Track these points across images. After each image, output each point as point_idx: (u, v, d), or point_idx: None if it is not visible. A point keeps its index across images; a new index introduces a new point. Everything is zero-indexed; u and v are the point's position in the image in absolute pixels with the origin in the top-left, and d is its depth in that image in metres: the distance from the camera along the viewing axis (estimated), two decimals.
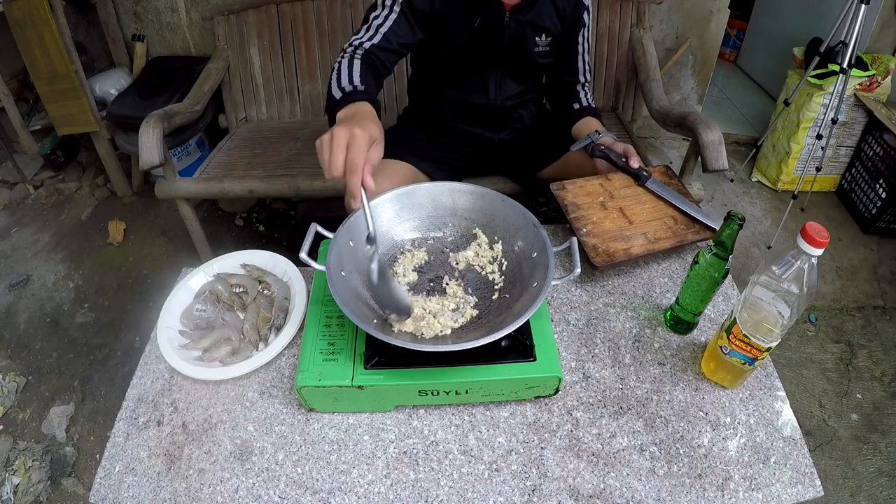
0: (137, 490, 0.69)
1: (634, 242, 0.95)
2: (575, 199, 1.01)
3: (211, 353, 0.82)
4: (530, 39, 1.14)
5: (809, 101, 2.08)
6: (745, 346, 0.71)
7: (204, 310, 0.88)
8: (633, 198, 1.03)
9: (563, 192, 1.03)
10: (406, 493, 0.68)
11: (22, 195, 2.26)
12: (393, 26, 1.05)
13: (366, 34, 1.04)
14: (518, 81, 1.22)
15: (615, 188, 1.04)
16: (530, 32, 1.13)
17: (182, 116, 1.59)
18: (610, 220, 0.98)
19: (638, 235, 0.96)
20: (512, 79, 1.21)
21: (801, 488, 0.69)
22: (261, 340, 0.84)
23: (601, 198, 1.02)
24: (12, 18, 1.78)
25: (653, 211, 1.01)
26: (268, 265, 0.95)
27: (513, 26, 1.11)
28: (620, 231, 0.96)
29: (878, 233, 2.13)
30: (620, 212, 1.00)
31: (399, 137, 1.25)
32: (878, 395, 1.60)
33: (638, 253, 0.93)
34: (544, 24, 1.13)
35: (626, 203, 1.02)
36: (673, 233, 0.97)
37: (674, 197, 1.02)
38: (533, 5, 1.10)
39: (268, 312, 0.87)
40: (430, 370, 0.71)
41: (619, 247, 0.94)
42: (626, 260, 0.92)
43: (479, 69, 1.18)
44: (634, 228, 0.97)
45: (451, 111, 1.27)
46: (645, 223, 0.98)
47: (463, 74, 1.20)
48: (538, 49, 1.16)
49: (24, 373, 1.64)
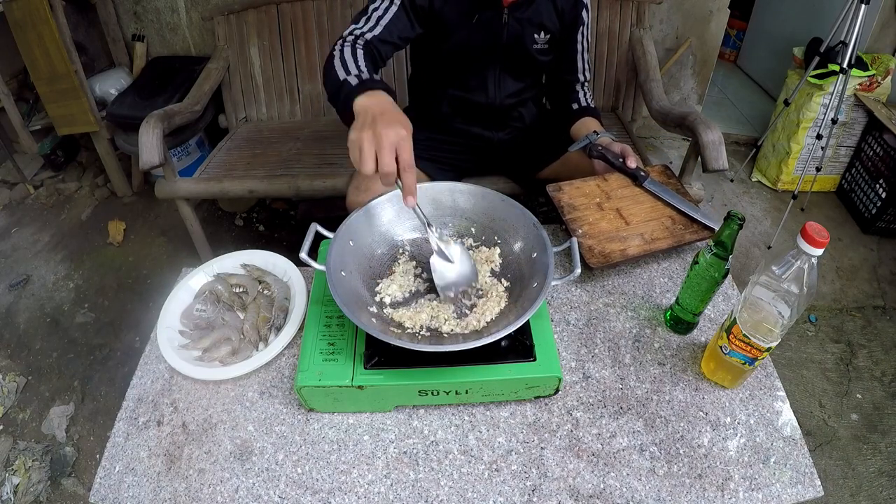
0: (137, 490, 0.69)
1: (631, 243, 0.94)
2: (571, 200, 1.01)
3: (211, 353, 0.81)
4: (529, 37, 1.14)
5: (809, 101, 2.08)
6: (745, 346, 0.71)
7: (204, 310, 0.88)
8: (631, 198, 1.03)
9: (560, 193, 1.03)
10: (406, 493, 0.68)
11: (22, 195, 2.26)
12: (393, 19, 1.05)
13: (366, 24, 1.03)
14: (517, 79, 1.22)
15: (612, 189, 1.04)
16: (529, 30, 1.13)
17: (182, 116, 1.59)
18: (606, 221, 0.98)
19: (635, 236, 0.96)
20: (511, 76, 1.21)
21: (801, 488, 0.69)
22: (261, 340, 0.84)
23: (598, 199, 1.02)
24: (12, 18, 1.78)
25: (650, 211, 1.01)
26: (268, 265, 0.95)
27: (511, 23, 1.11)
28: (617, 232, 0.96)
29: (878, 233, 2.13)
30: (617, 212, 1.00)
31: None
32: (878, 395, 1.60)
33: (634, 254, 0.93)
34: (543, 22, 1.13)
35: (623, 204, 1.01)
36: (671, 233, 0.97)
37: (672, 197, 1.02)
38: (531, 3, 1.10)
39: (268, 312, 0.87)
40: (430, 370, 0.71)
41: (616, 248, 0.93)
42: (622, 261, 0.92)
43: (477, 67, 1.18)
44: (631, 229, 0.97)
45: (450, 109, 1.27)
46: (642, 223, 0.98)
47: (462, 72, 1.20)
48: (537, 46, 1.16)
49: (24, 373, 1.64)
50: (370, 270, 0.82)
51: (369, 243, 0.84)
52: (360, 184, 1.15)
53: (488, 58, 1.17)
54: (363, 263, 0.82)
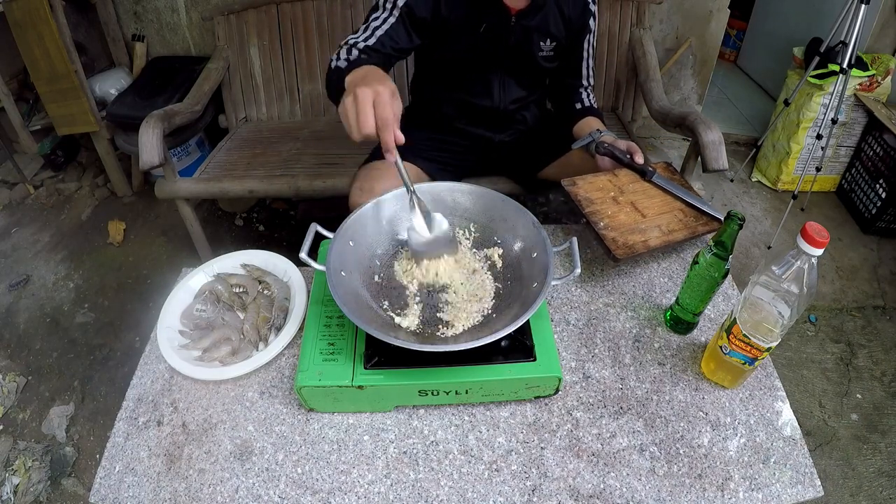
0: (137, 490, 0.69)
1: (651, 234, 0.96)
2: (588, 194, 1.02)
3: (211, 353, 0.81)
4: (535, 44, 1.13)
5: (809, 101, 2.08)
6: (745, 346, 0.71)
7: (204, 310, 0.88)
8: (642, 192, 1.04)
9: (575, 187, 1.03)
10: (406, 493, 0.68)
11: (22, 195, 2.26)
12: (389, 30, 1.04)
13: (362, 34, 1.04)
14: (522, 85, 1.22)
15: (623, 183, 1.05)
16: (536, 37, 1.13)
17: (182, 116, 1.59)
18: (624, 214, 0.99)
19: (653, 228, 0.97)
20: (516, 82, 1.21)
21: (801, 488, 0.69)
22: (261, 340, 0.84)
23: (612, 192, 1.03)
24: (12, 18, 1.78)
25: (662, 205, 1.02)
26: (268, 265, 0.95)
27: (518, 31, 1.11)
28: (636, 224, 0.98)
29: (878, 233, 2.12)
30: (632, 206, 1.01)
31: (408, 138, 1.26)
32: (878, 395, 1.60)
33: (656, 245, 0.94)
34: (549, 30, 1.13)
35: (636, 197, 1.03)
36: (684, 224, 0.99)
37: (679, 191, 1.04)
38: (539, 10, 1.10)
39: (268, 312, 0.87)
40: (430, 370, 0.71)
41: (638, 239, 0.95)
42: (644, 252, 0.93)
43: (483, 72, 1.18)
44: (648, 221, 0.98)
45: (453, 112, 1.26)
46: (657, 216, 1.00)
47: (466, 77, 1.20)
48: (543, 54, 1.15)
49: (24, 373, 1.64)
50: (370, 270, 0.82)
51: (369, 243, 0.84)
52: (364, 184, 1.14)
53: (493, 64, 1.17)
54: (363, 263, 0.82)
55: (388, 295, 0.80)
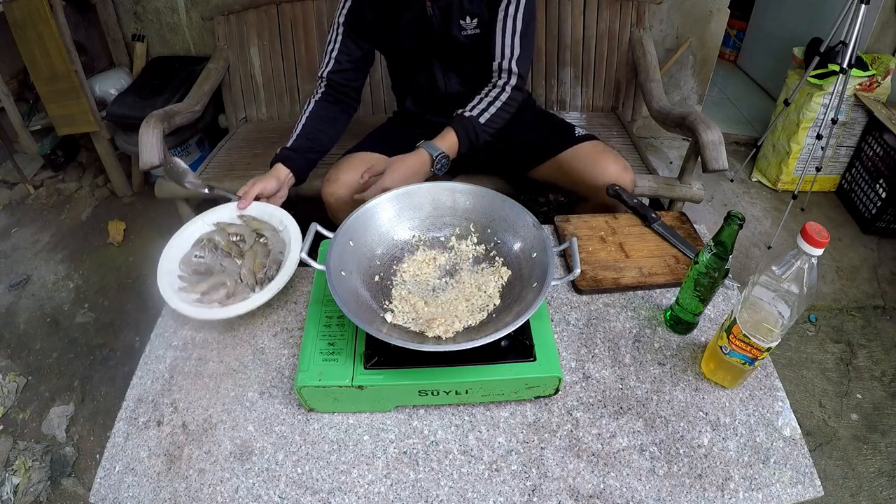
0: (137, 490, 0.69)
1: (626, 274, 0.94)
2: (575, 230, 1.03)
3: (209, 295, 0.84)
4: (456, 25, 1.13)
5: (809, 101, 2.08)
6: (745, 346, 0.71)
7: (202, 256, 0.91)
8: (637, 235, 1.03)
9: (566, 223, 1.04)
10: (406, 493, 0.68)
11: (22, 195, 2.26)
12: (341, 48, 1.15)
13: (324, 64, 1.16)
14: (461, 68, 1.22)
15: (620, 226, 1.05)
16: (455, 17, 1.13)
17: (182, 116, 1.59)
18: (606, 252, 0.99)
19: (632, 268, 0.96)
20: (453, 67, 1.22)
21: (801, 488, 0.69)
22: (257, 284, 0.86)
23: (602, 232, 1.03)
24: (12, 18, 1.78)
25: (654, 249, 1.00)
26: (264, 216, 0.99)
27: (437, 15, 1.12)
28: (614, 262, 0.97)
29: (878, 233, 2.12)
30: (619, 246, 1.00)
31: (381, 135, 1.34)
32: (878, 395, 1.60)
33: (628, 283, 0.93)
34: (466, 7, 1.12)
35: (627, 239, 1.02)
36: (671, 270, 0.96)
37: (680, 241, 1.01)
38: None
39: (264, 259, 0.89)
40: (430, 370, 0.71)
41: (609, 275, 0.94)
42: (612, 288, 0.92)
43: (421, 63, 1.21)
44: (630, 262, 0.97)
45: (415, 105, 1.31)
46: (643, 258, 0.98)
47: (412, 70, 1.24)
48: (466, 33, 1.14)
49: (24, 373, 1.64)
50: (370, 270, 0.82)
51: (369, 243, 0.84)
52: (331, 175, 1.23)
53: (426, 53, 1.19)
54: (363, 263, 0.82)
55: (389, 295, 0.80)
